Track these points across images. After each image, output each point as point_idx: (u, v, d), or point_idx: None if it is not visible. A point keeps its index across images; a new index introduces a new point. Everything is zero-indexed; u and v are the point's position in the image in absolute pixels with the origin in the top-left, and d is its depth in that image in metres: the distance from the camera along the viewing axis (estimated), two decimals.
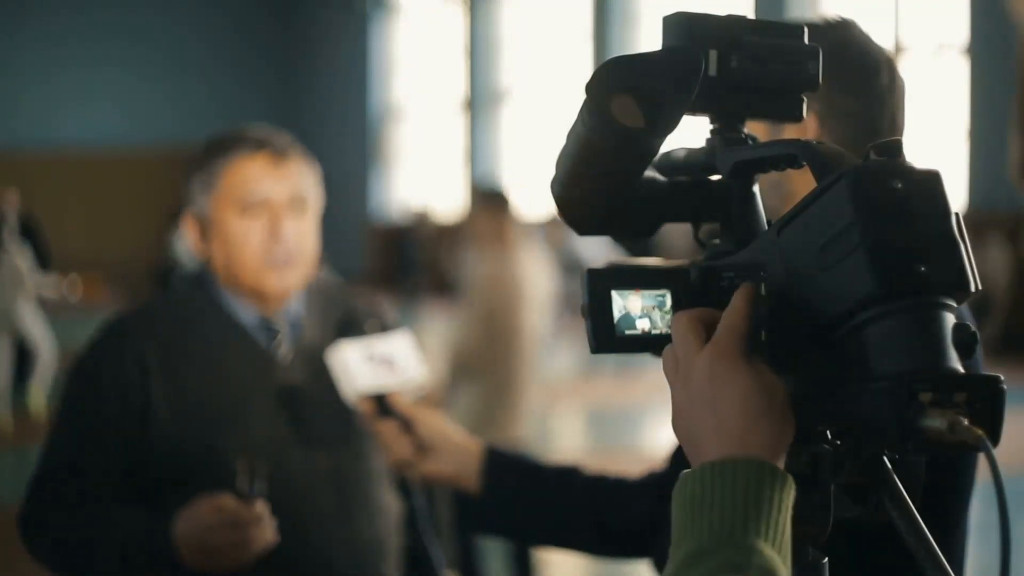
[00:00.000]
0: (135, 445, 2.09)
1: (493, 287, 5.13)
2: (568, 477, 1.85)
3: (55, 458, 2.12)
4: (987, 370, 0.87)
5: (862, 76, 1.45)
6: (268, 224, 2.19)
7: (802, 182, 1.35)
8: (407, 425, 1.85)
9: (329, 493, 2.15)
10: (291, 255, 2.20)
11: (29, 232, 11.19)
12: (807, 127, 1.37)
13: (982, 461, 1.02)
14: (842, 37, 1.42)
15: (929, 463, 1.33)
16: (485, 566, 4.79)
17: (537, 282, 5.35)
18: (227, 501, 1.91)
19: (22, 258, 9.85)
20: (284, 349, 2.22)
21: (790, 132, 1.38)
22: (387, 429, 1.86)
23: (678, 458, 1.76)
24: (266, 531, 1.93)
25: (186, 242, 2.69)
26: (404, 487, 2.24)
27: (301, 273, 2.23)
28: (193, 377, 2.14)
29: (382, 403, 1.90)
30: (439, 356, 5.36)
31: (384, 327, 2.27)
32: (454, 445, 1.84)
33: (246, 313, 2.23)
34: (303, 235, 2.23)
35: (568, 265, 13.32)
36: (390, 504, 2.24)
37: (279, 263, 2.19)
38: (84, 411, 2.12)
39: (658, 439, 8.47)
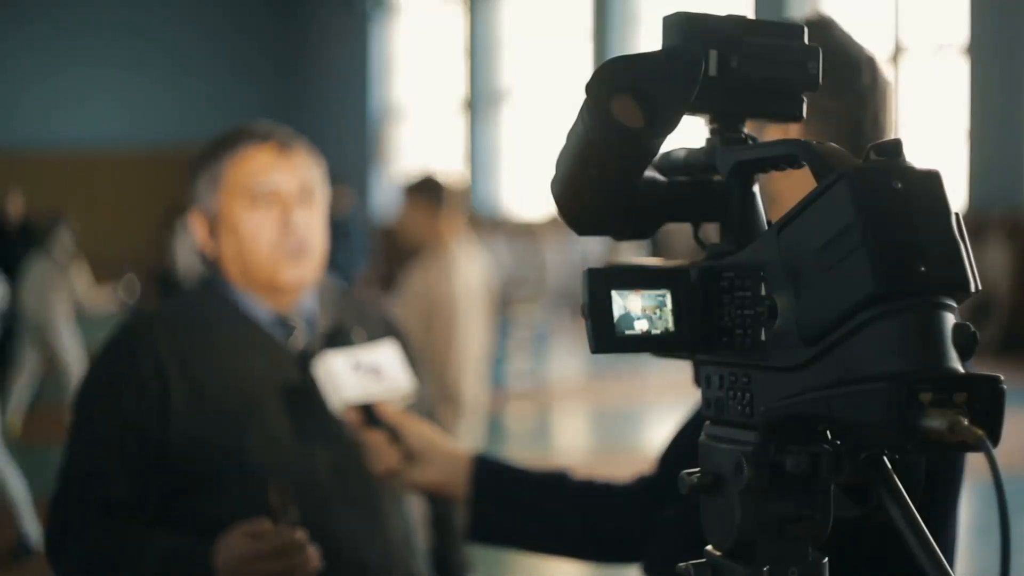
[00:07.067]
0: (156, 446, 2.04)
1: (427, 302, 4.83)
2: (556, 482, 1.84)
3: (77, 467, 2.07)
4: (987, 370, 0.86)
5: (843, 76, 1.45)
6: (279, 215, 2.16)
7: (786, 184, 1.35)
8: (395, 434, 1.85)
9: (354, 485, 2.11)
10: (303, 245, 2.17)
11: (30, 233, 11.05)
12: (789, 127, 1.36)
13: (974, 459, 1.02)
14: (822, 37, 1.41)
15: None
16: None
17: (475, 289, 5.04)
18: (266, 526, 1.82)
19: (78, 271, 9.52)
20: (301, 344, 2.19)
21: (773, 133, 1.38)
22: (375, 439, 1.86)
23: (668, 460, 1.76)
24: (311, 561, 1.82)
25: (186, 243, 2.67)
26: None
27: (314, 265, 2.20)
28: (211, 375, 2.10)
29: (369, 413, 1.89)
30: None
31: (389, 331, 2.26)
32: (442, 454, 1.84)
33: (260, 309, 2.19)
34: (313, 227, 2.20)
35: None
36: (412, 500, 2.22)
37: (292, 253, 2.16)
38: (103, 415, 2.08)
39: (660, 439, 8.46)
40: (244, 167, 2.18)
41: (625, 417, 10.22)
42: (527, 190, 19.37)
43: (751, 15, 0.98)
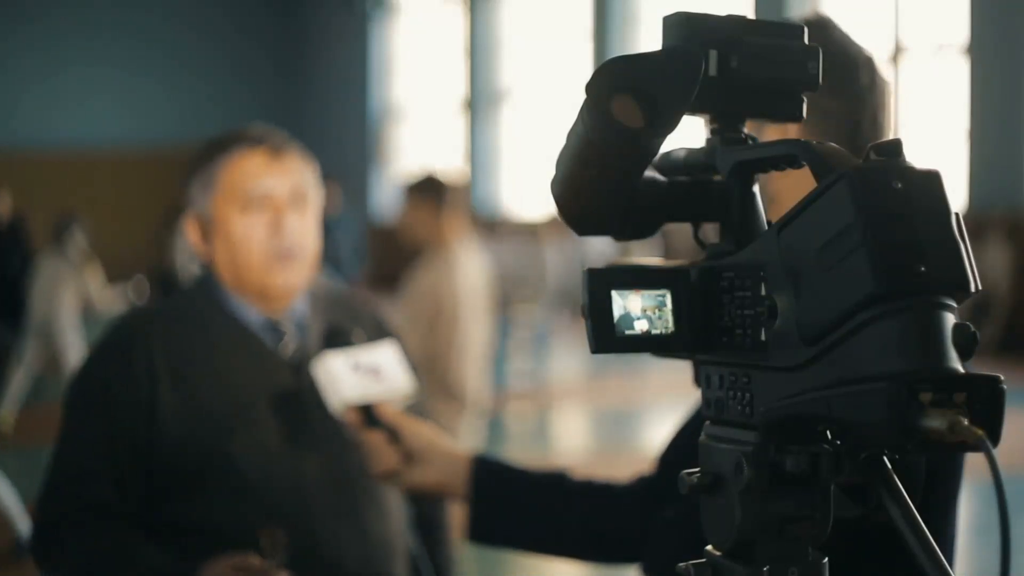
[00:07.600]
0: (144, 447, 2.04)
1: (432, 302, 4.83)
2: (556, 482, 1.84)
3: (65, 468, 2.07)
4: (987, 370, 0.86)
5: (842, 76, 1.45)
6: (270, 219, 2.17)
7: (786, 184, 1.35)
8: (394, 435, 1.84)
9: (338, 493, 2.12)
10: (294, 249, 2.17)
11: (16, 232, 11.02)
12: (788, 127, 1.36)
13: (974, 459, 1.02)
14: (822, 37, 1.41)
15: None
16: None
17: (477, 288, 5.05)
18: (253, 562, 1.84)
19: (93, 270, 9.47)
20: (291, 350, 2.19)
21: (772, 133, 1.38)
22: (374, 439, 1.85)
23: (667, 460, 1.76)
24: None
25: (186, 244, 2.69)
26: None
27: (304, 270, 2.21)
28: (201, 380, 2.11)
29: (368, 413, 1.89)
30: None
31: (381, 332, 2.26)
32: (441, 454, 1.83)
33: (252, 314, 2.20)
34: (305, 231, 2.20)
35: None
36: (397, 505, 2.22)
37: (283, 258, 2.16)
38: (93, 414, 2.08)
39: (660, 440, 8.46)
40: (237, 171, 2.18)
41: (625, 417, 10.22)
42: (527, 190, 19.37)
43: (751, 15, 0.98)
